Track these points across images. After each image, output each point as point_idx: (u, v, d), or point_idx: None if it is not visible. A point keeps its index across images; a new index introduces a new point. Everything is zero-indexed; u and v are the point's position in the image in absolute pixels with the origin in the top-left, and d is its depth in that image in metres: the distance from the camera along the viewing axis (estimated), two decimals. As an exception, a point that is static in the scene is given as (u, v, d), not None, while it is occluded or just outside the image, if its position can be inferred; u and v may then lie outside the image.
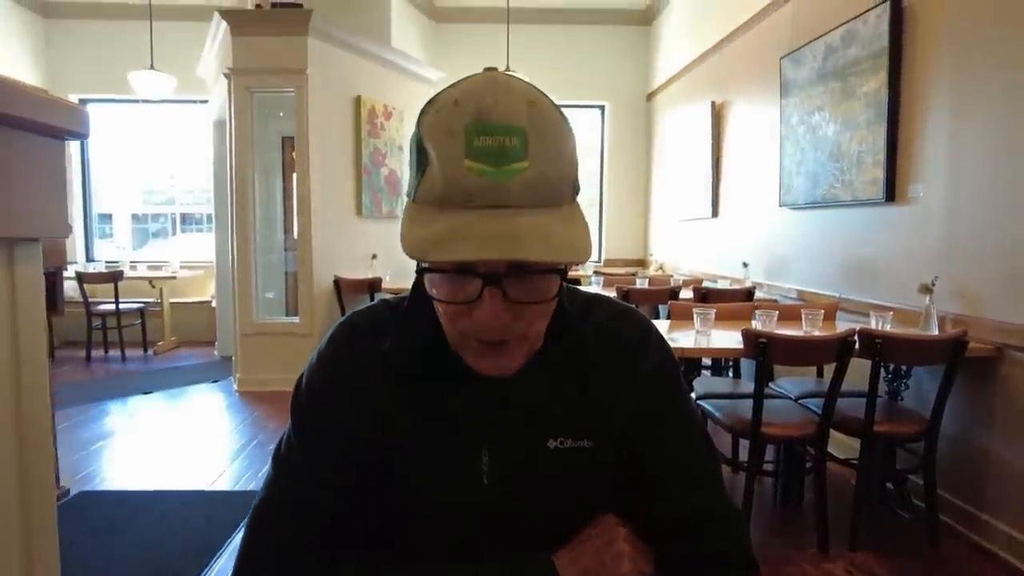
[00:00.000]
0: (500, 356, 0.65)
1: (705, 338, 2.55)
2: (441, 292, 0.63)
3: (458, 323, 0.64)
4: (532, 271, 0.61)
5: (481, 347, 0.65)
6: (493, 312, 0.60)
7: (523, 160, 0.57)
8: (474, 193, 0.57)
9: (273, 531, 0.69)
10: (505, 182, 0.56)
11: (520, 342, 0.65)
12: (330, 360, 0.74)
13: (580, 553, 0.69)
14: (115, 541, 2.43)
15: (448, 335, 0.67)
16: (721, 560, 0.71)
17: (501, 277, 0.60)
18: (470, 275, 0.60)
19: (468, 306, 0.62)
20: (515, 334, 0.64)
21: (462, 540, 0.70)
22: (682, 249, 5.86)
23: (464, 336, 0.65)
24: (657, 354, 0.77)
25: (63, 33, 6.56)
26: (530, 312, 0.63)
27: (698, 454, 0.75)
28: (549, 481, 0.72)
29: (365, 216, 5.12)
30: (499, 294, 0.60)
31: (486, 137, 0.56)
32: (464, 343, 0.66)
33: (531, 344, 0.67)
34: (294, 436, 0.72)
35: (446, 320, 0.66)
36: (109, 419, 4.06)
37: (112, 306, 5.81)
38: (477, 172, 0.56)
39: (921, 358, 2.40)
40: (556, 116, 0.62)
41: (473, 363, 0.66)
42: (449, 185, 0.57)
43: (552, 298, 0.64)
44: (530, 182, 0.57)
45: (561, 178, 0.62)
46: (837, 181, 3.31)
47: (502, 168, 0.56)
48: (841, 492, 2.75)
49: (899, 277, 2.87)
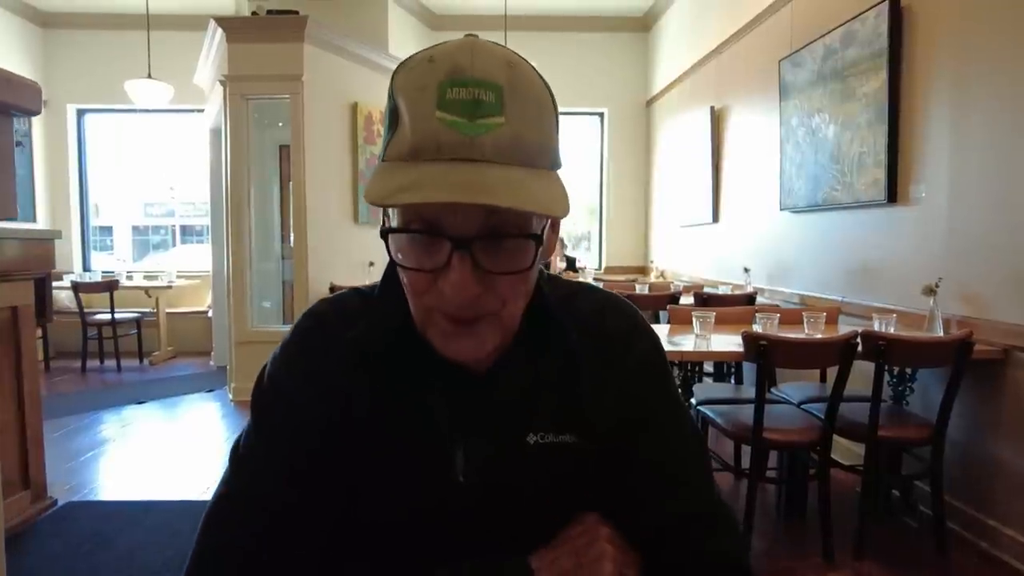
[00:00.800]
0: (471, 337, 0.60)
1: (705, 342, 2.49)
2: (407, 258, 0.58)
3: (425, 297, 0.59)
4: (505, 234, 0.56)
5: (450, 326, 0.59)
6: (462, 279, 0.55)
7: (498, 116, 0.53)
8: (444, 146, 0.52)
9: (228, 528, 0.63)
10: (478, 136, 0.52)
11: (493, 322, 0.60)
12: (294, 350, 0.68)
13: (559, 554, 0.63)
14: (102, 553, 2.36)
15: (415, 314, 0.62)
16: (712, 563, 0.65)
17: (472, 241, 0.55)
18: (438, 237, 0.55)
19: (435, 275, 0.57)
20: (487, 311, 0.59)
21: (434, 541, 0.65)
22: (683, 255, 5.81)
23: (430, 313, 0.60)
24: (643, 344, 0.72)
25: (61, 44, 6.56)
26: (503, 286, 0.58)
27: (688, 452, 0.70)
28: (529, 478, 0.66)
29: (362, 223, 5.09)
30: (469, 260, 0.55)
31: (460, 89, 0.53)
32: (431, 321, 0.60)
33: (505, 327, 0.62)
34: (253, 429, 0.67)
35: (412, 294, 0.60)
36: (101, 429, 4.00)
37: (108, 316, 5.77)
38: (448, 123, 0.52)
39: (926, 360, 2.34)
40: (537, 81, 0.58)
41: (441, 346, 0.61)
42: (419, 138, 0.53)
43: (527, 268, 0.59)
44: (504, 140, 0.53)
45: (540, 145, 0.57)
46: (838, 183, 3.26)
47: (475, 121, 0.52)
48: (846, 499, 2.68)
49: (902, 279, 2.82)
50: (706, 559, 0.65)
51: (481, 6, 6.43)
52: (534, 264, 0.59)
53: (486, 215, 0.55)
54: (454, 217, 0.55)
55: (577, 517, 0.66)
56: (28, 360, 2.57)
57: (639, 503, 0.67)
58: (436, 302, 0.59)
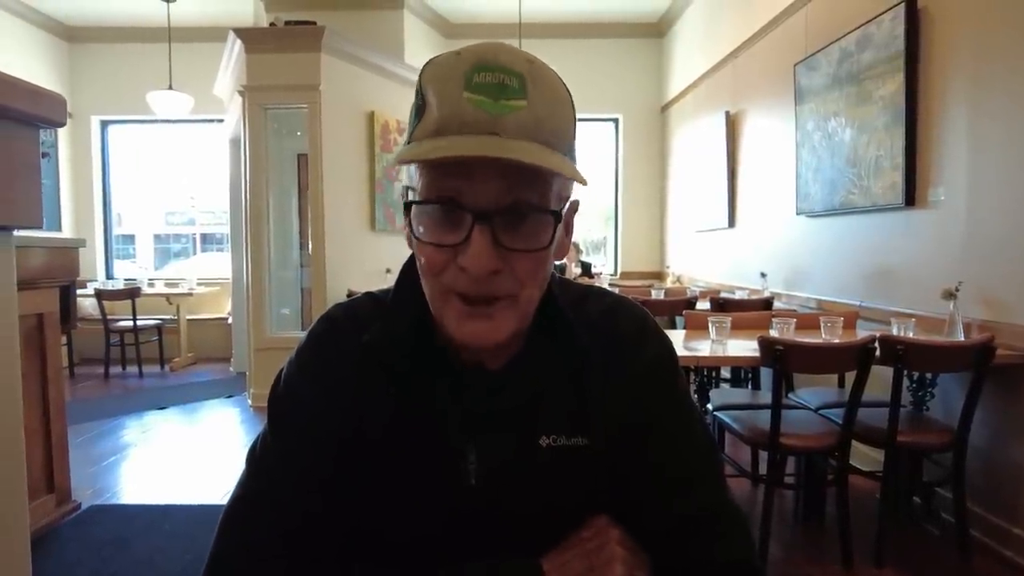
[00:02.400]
0: (487, 320, 0.60)
1: (721, 347, 2.48)
2: (427, 231, 0.60)
3: (442, 276, 0.60)
4: (525, 209, 0.58)
5: (466, 308, 0.60)
6: (482, 251, 0.57)
7: (521, 99, 0.57)
8: (470, 122, 0.56)
9: (244, 531, 0.64)
10: (502, 116, 0.56)
11: (509, 305, 0.61)
12: (308, 355, 0.70)
13: (570, 557, 0.64)
14: (122, 556, 2.40)
15: (430, 298, 0.63)
16: (722, 565, 0.65)
17: (492, 214, 0.57)
18: (460, 211, 0.57)
19: (454, 252, 0.58)
20: (505, 292, 0.60)
21: (447, 543, 0.66)
22: (699, 261, 5.78)
23: (447, 295, 0.61)
24: (655, 348, 0.72)
25: (86, 57, 6.71)
26: (521, 266, 0.60)
27: (699, 454, 0.70)
28: (541, 481, 0.67)
29: (379, 230, 5.13)
30: (489, 233, 0.57)
31: (486, 73, 0.56)
32: (447, 303, 0.61)
33: (521, 312, 0.62)
34: (270, 434, 0.68)
35: (429, 275, 0.61)
36: (124, 434, 4.06)
37: (130, 323, 5.86)
38: (475, 103, 0.56)
39: (945, 365, 2.32)
40: (556, 78, 0.62)
41: (456, 329, 0.61)
42: (446, 115, 0.56)
43: (545, 246, 0.60)
44: (526, 121, 0.56)
45: (559, 131, 0.60)
46: (855, 187, 3.24)
47: (499, 102, 0.56)
48: (864, 506, 2.65)
49: (921, 283, 2.78)
50: (716, 561, 0.65)
51: (496, 14, 6.47)
52: (552, 243, 0.61)
53: (507, 190, 0.57)
54: (476, 191, 0.57)
55: (588, 520, 0.67)
56: (53, 366, 2.63)
57: (649, 505, 0.67)
58: (453, 281, 0.60)
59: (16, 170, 0.67)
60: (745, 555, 0.66)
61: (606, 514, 0.67)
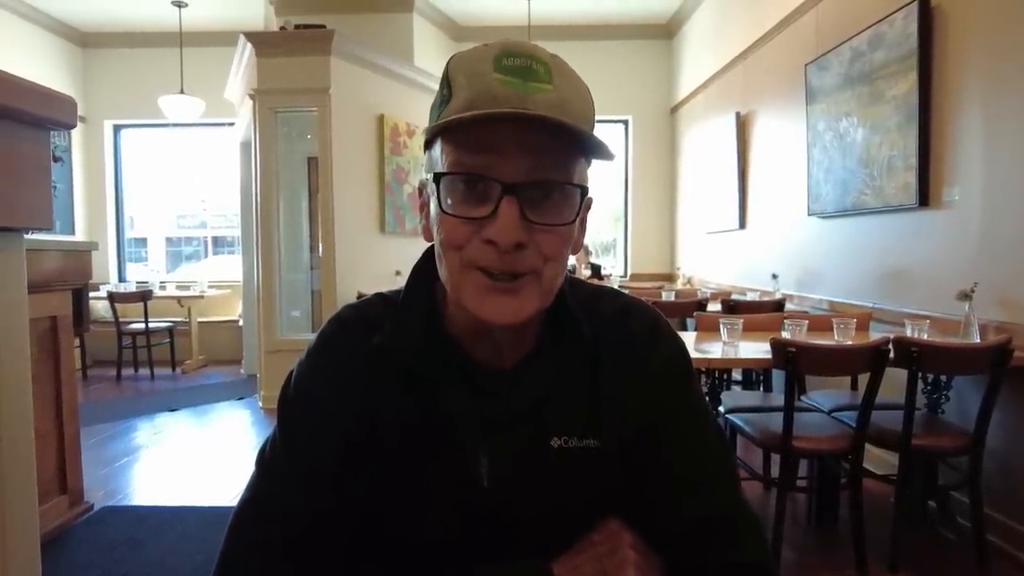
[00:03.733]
0: (510, 296, 0.60)
1: (733, 349, 2.46)
2: (455, 202, 0.60)
3: (465, 250, 0.60)
4: (554, 184, 0.59)
5: (489, 283, 0.60)
6: (509, 222, 0.57)
7: (548, 83, 0.58)
8: (500, 98, 0.57)
9: (254, 532, 0.64)
10: (531, 94, 0.57)
11: (532, 284, 0.61)
12: (319, 356, 0.70)
13: (582, 561, 0.63)
14: (136, 557, 2.41)
15: (450, 276, 0.62)
16: (737, 568, 0.64)
17: (520, 187, 0.58)
18: (488, 183, 0.58)
19: (479, 226, 0.59)
20: (528, 267, 0.60)
21: (458, 545, 0.65)
22: (710, 262, 5.75)
23: (468, 271, 0.60)
24: (667, 349, 0.72)
25: (99, 62, 6.77)
26: (546, 241, 0.60)
27: (712, 456, 0.69)
28: (552, 482, 0.66)
29: (388, 233, 5.14)
30: (516, 206, 0.57)
31: (514, 58, 0.59)
32: (468, 280, 0.61)
33: (544, 291, 0.62)
34: (279, 435, 0.68)
35: (450, 250, 0.61)
36: (136, 436, 4.09)
37: (142, 325, 5.90)
38: (504, 83, 0.57)
39: (961, 367, 2.29)
40: (574, 72, 0.63)
41: (478, 305, 0.61)
42: (475, 93, 0.58)
43: (571, 220, 0.61)
44: (553, 101, 0.58)
45: (584, 114, 0.61)
46: (867, 187, 3.21)
47: (528, 83, 0.58)
48: (878, 510, 2.62)
49: (936, 285, 2.75)
50: (730, 564, 0.64)
51: (505, 16, 6.47)
52: (577, 218, 0.62)
53: (534, 167, 0.58)
54: (504, 166, 0.57)
55: (599, 523, 0.66)
56: (66, 369, 2.65)
57: (661, 508, 0.67)
58: (476, 256, 0.59)
59: (26, 172, 0.68)
60: (759, 557, 0.65)
61: (618, 517, 0.66)
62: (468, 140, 0.58)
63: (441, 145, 0.61)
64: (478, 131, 0.57)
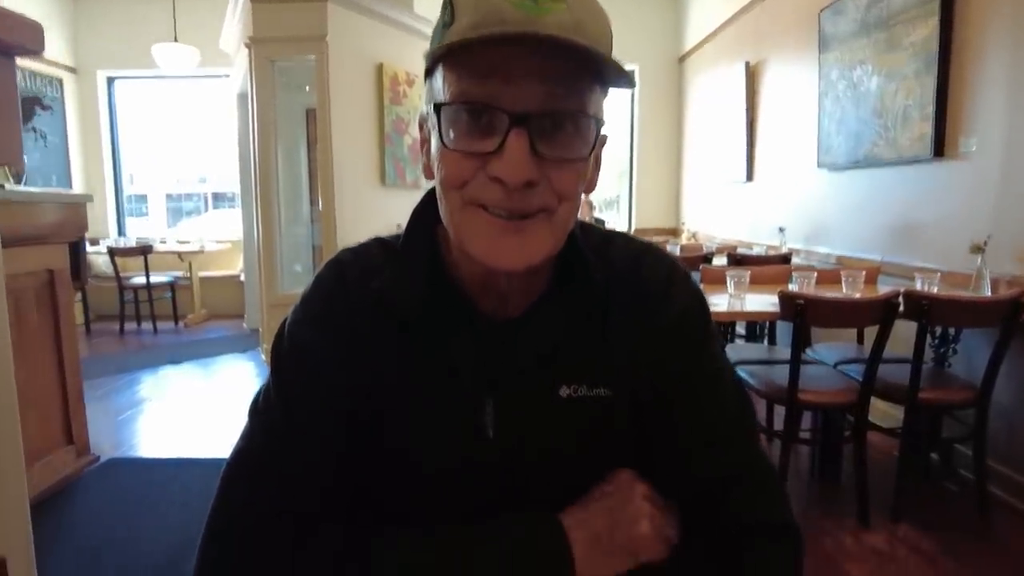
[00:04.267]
0: (519, 237, 0.55)
1: (739, 302, 2.43)
2: (457, 135, 0.54)
3: (469, 188, 0.55)
4: (567, 114, 0.54)
5: (496, 223, 0.55)
6: (519, 159, 0.52)
7: (561, 2, 0.52)
8: (510, 20, 0.51)
9: (248, 486, 0.61)
10: (542, 15, 0.51)
11: (544, 224, 0.56)
12: (314, 301, 0.66)
13: (592, 513, 0.60)
14: (142, 507, 2.44)
15: (453, 217, 0.57)
16: (757, 525, 0.61)
17: (530, 118, 0.52)
18: (495, 114, 0.52)
19: (484, 161, 0.53)
20: (539, 206, 0.55)
21: (463, 500, 0.62)
22: (716, 216, 5.68)
23: (473, 211, 0.55)
24: (684, 296, 0.67)
25: (91, 10, 6.56)
26: (559, 177, 0.55)
27: (729, 412, 0.66)
28: (561, 434, 0.63)
29: (389, 185, 5.06)
30: (526, 140, 0.52)
31: None
32: (472, 221, 0.56)
33: (556, 232, 0.57)
34: (273, 386, 0.64)
35: (452, 188, 0.56)
36: (140, 388, 4.10)
37: (143, 280, 5.88)
38: (515, 4, 0.51)
39: (972, 320, 2.25)
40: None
41: (483, 249, 0.56)
42: (482, 15, 0.52)
43: (585, 156, 0.56)
44: (567, 22, 0.52)
45: (599, 36, 0.55)
46: (880, 138, 3.12)
47: (540, 3, 0.52)
48: (881, 463, 2.63)
49: (948, 239, 2.70)
50: (750, 520, 0.61)
51: (507, -39, 6.24)
52: (592, 153, 0.57)
53: (546, 96, 0.53)
54: (513, 95, 0.52)
55: (610, 474, 0.63)
56: (66, 321, 2.62)
57: (678, 462, 0.63)
58: (481, 195, 0.55)
59: (-5, 102, 0.63)
60: (781, 514, 0.62)
61: (629, 469, 0.63)
62: (472, 65, 0.53)
63: (443, 72, 0.55)
64: (484, 55, 0.52)
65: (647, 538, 0.58)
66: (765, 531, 0.61)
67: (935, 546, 2.10)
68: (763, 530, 0.61)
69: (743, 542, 0.60)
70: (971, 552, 2.08)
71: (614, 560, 0.58)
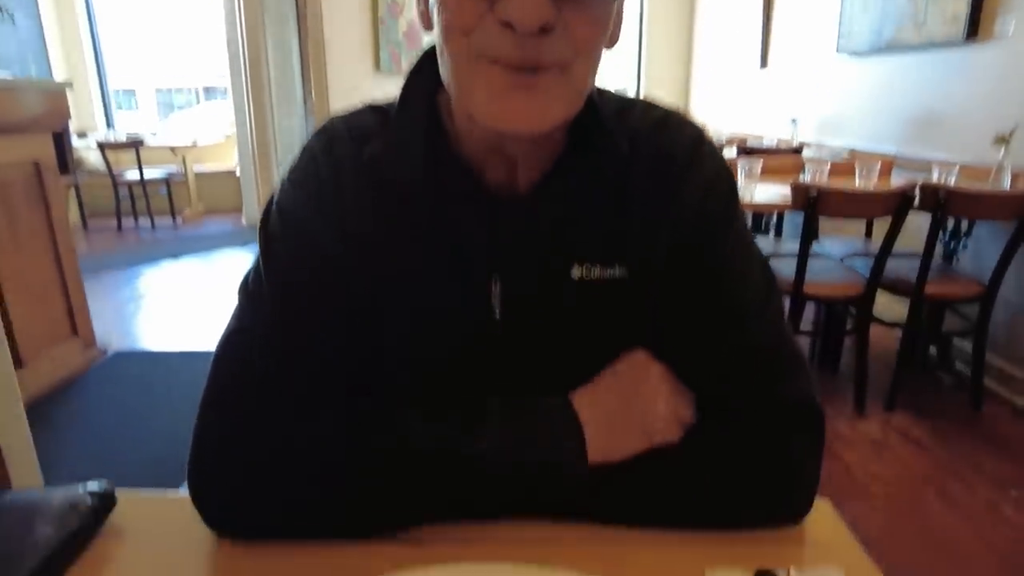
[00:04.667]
0: (531, 93, 0.48)
1: (748, 193, 2.36)
2: None
3: (473, 36, 0.47)
4: None
5: (505, 77, 0.47)
6: None
7: None
8: None
9: (239, 365, 0.58)
10: None
11: (560, 80, 0.48)
12: (302, 172, 0.60)
13: (604, 392, 0.57)
14: (152, 398, 2.49)
15: (453, 71, 0.50)
16: (785, 405, 0.59)
17: None
18: None
19: (491, 2, 0.46)
20: (555, 58, 0.47)
21: (466, 381, 0.59)
22: (726, 107, 5.46)
23: (477, 63, 0.48)
24: (710, 167, 0.61)
25: None
26: (578, 23, 0.47)
27: (757, 287, 0.61)
28: (571, 314, 0.59)
29: (383, 71, 4.84)
30: None
31: None
32: (476, 74, 0.48)
33: (573, 90, 0.50)
34: (262, 262, 0.60)
35: (454, 37, 0.48)
36: (141, 282, 4.11)
37: (137, 175, 5.74)
38: None
39: (989, 213, 2.18)
40: None
41: (490, 106, 0.49)
42: None
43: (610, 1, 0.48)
44: None
45: None
46: (909, 20, 2.92)
47: None
48: (880, 356, 2.65)
49: (969, 130, 2.58)
50: (776, 400, 0.58)
51: None
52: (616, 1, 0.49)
53: None
54: None
55: (624, 355, 0.60)
56: (58, 213, 2.56)
57: (701, 342, 0.59)
58: (488, 43, 0.47)
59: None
60: (807, 395, 0.59)
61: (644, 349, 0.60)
62: None
63: None
64: None
65: (662, 418, 0.56)
66: (795, 411, 0.59)
67: (928, 434, 2.15)
68: (793, 410, 0.59)
69: (772, 421, 0.58)
70: (963, 441, 2.13)
71: (628, 440, 0.55)
